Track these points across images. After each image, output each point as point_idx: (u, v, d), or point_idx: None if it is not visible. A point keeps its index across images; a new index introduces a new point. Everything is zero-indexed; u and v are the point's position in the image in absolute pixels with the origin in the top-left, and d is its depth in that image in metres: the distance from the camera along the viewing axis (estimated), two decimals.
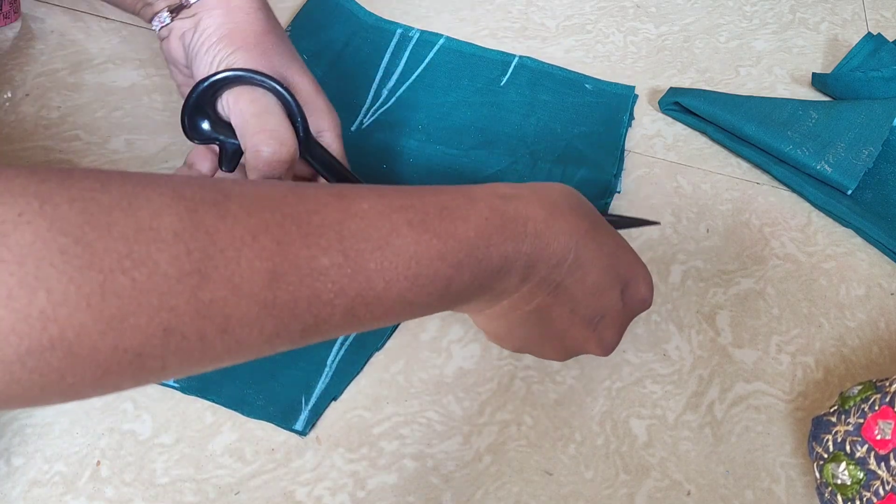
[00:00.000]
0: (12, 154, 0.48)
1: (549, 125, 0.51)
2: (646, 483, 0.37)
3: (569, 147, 0.50)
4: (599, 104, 0.53)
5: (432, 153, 0.49)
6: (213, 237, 0.22)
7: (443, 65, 0.54)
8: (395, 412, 0.38)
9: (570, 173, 0.48)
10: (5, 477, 0.35)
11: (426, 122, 0.51)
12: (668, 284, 0.44)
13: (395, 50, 0.55)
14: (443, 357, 0.40)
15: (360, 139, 0.50)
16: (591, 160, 0.49)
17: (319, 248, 0.24)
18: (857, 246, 0.47)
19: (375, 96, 0.52)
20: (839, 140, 0.48)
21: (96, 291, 0.20)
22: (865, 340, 0.43)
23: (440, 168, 0.48)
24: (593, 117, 0.52)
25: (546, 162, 0.49)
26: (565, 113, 0.52)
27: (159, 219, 0.21)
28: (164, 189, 0.22)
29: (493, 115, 0.52)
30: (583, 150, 0.50)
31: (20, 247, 0.19)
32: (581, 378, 0.40)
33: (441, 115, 0.51)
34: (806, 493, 0.37)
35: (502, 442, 0.38)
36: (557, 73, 0.55)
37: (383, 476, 0.36)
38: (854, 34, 0.60)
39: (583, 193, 0.43)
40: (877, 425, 0.32)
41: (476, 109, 0.52)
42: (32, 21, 0.57)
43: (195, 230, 0.22)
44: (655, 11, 0.62)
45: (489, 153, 0.49)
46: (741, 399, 0.40)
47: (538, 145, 0.50)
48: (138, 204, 0.21)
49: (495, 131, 0.51)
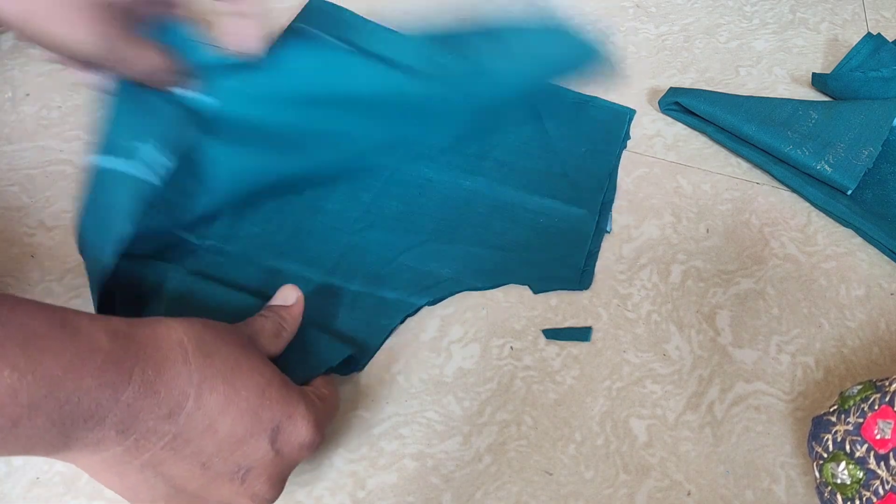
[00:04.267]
0: (12, 154, 0.48)
1: (551, 146, 0.50)
2: (646, 483, 0.37)
3: (561, 176, 0.49)
4: (600, 123, 0.52)
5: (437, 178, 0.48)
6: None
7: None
8: (395, 412, 0.38)
9: (552, 207, 0.47)
10: (5, 477, 0.35)
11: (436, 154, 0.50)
12: (668, 284, 0.44)
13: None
14: (443, 357, 0.40)
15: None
16: (576, 192, 0.48)
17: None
18: (857, 246, 0.47)
19: None
20: (839, 140, 0.48)
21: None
22: (865, 340, 0.43)
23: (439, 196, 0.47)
24: (594, 136, 0.51)
25: (540, 196, 0.47)
26: (565, 141, 0.51)
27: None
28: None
29: (492, 139, 0.50)
30: (574, 180, 0.48)
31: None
32: (581, 378, 0.40)
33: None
34: (806, 492, 0.37)
35: (502, 442, 0.38)
36: (561, 93, 0.53)
37: (383, 476, 0.36)
38: (854, 34, 0.60)
39: (569, 231, 0.43)
40: (876, 425, 0.32)
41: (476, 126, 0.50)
42: None
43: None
44: (655, 11, 0.62)
45: (472, 181, 0.48)
46: (741, 399, 0.40)
47: (524, 177, 0.48)
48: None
49: (493, 158, 0.49)
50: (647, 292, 0.44)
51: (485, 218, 0.46)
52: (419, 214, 0.46)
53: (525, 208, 0.47)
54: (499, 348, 0.41)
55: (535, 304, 0.43)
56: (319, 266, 0.43)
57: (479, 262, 0.44)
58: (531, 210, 0.47)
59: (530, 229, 0.46)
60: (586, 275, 0.44)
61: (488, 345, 0.41)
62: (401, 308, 0.42)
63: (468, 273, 0.43)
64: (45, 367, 0.24)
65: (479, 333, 0.41)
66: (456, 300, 0.43)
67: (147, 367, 0.27)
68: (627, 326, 0.42)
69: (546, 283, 0.43)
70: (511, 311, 0.42)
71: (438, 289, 0.43)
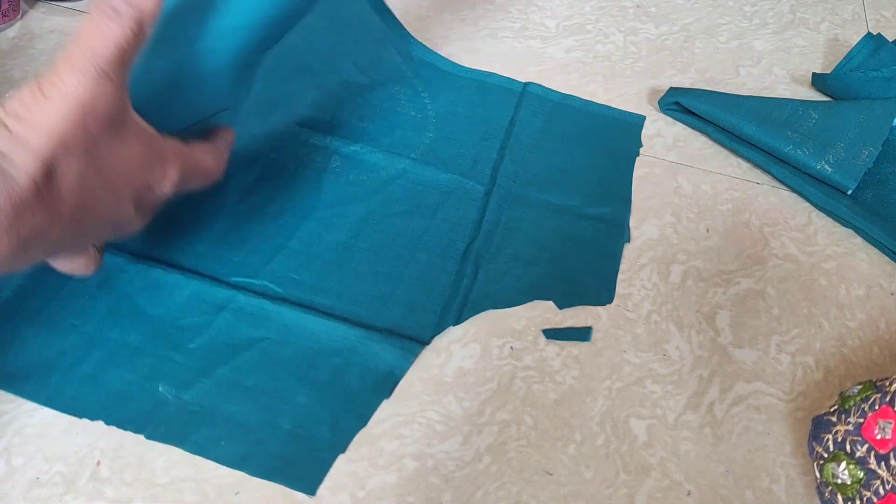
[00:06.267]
0: None
1: (556, 162, 0.50)
2: (646, 483, 0.37)
3: (578, 184, 0.48)
4: (610, 138, 0.52)
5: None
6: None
7: (461, 99, 0.53)
8: (395, 412, 0.38)
9: (579, 215, 0.47)
10: (5, 477, 0.35)
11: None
12: (668, 284, 0.44)
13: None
14: (443, 357, 0.40)
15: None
16: (599, 199, 0.48)
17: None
18: (857, 246, 0.47)
19: None
20: (839, 140, 0.48)
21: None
22: (865, 340, 0.43)
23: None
24: (603, 146, 0.51)
25: (554, 206, 0.47)
26: (579, 149, 0.51)
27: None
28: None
29: (506, 151, 0.50)
30: (593, 187, 0.48)
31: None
32: (581, 378, 0.40)
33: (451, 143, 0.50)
34: (806, 493, 0.37)
35: (502, 442, 0.38)
36: (570, 105, 0.53)
37: (383, 476, 0.36)
38: (854, 34, 0.60)
39: (590, 241, 0.44)
40: (877, 425, 0.32)
41: (490, 142, 0.50)
42: (33, 21, 0.57)
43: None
44: (655, 11, 0.62)
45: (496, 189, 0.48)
46: (741, 399, 0.40)
47: (544, 184, 0.48)
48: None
49: (509, 169, 0.49)
50: (647, 292, 0.44)
51: (503, 229, 0.46)
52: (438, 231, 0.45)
53: (547, 216, 0.46)
54: (499, 348, 0.41)
55: (534, 303, 0.43)
56: (352, 300, 0.42)
57: (503, 278, 0.43)
58: (555, 218, 0.46)
59: (555, 239, 0.45)
60: (611, 288, 0.44)
61: (488, 345, 0.41)
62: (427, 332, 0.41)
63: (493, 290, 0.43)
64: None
65: (479, 333, 0.41)
66: None
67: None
68: (627, 326, 0.42)
69: (571, 298, 0.43)
70: (511, 311, 0.42)
71: (469, 308, 0.42)
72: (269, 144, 0.48)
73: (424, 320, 0.41)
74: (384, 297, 0.42)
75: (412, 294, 0.42)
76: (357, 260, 0.43)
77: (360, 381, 0.39)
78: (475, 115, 0.52)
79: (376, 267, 0.43)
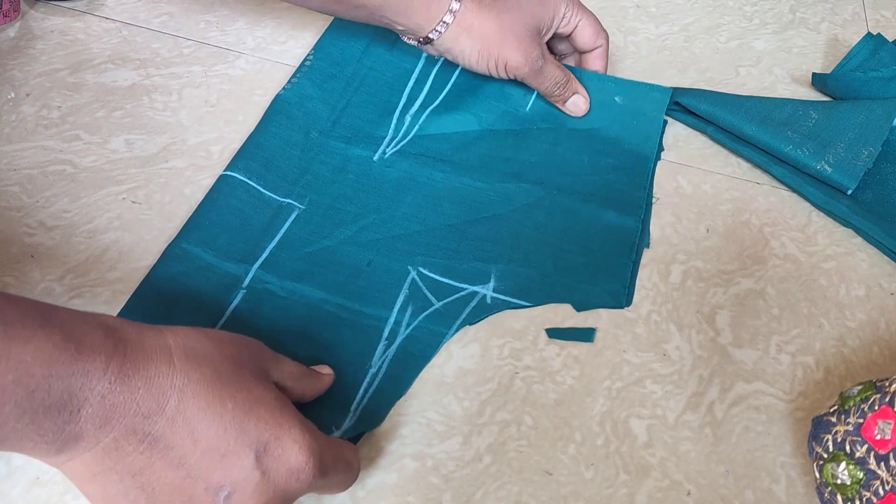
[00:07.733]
0: (13, 154, 0.48)
1: (577, 156, 0.49)
2: (646, 483, 0.37)
3: (597, 183, 0.48)
4: (630, 126, 0.51)
5: (458, 185, 0.47)
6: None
7: (467, 89, 0.52)
8: (395, 412, 0.38)
9: (597, 215, 0.46)
10: (5, 477, 0.35)
11: (451, 152, 0.49)
12: (668, 284, 0.44)
13: (419, 76, 0.53)
14: (443, 357, 0.40)
15: (382, 169, 0.48)
16: (619, 200, 0.47)
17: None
18: (857, 246, 0.47)
19: (399, 123, 0.50)
20: (839, 140, 0.48)
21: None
22: (865, 340, 0.43)
23: (467, 201, 0.47)
24: (623, 147, 0.50)
25: (574, 199, 0.47)
26: (594, 142, 0.50)
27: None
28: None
29: (519, 145, 0.50)
30: (612, 186, 0.48)
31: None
32: (581, 378, 0.40)
33: (465, 144, 0.50)
34: (806, 493, 0.37)
35: (502, 442, 0.38)
36: (585, 84, 0.52)
37: (383, 476, 0.36)
38: (854, 34, 0.60)
39: (607, 242, 0.44)
40: (876, 425, 0.32)
41: (501, 139, 0.50)
42: (33, 21, 0.57)
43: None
44: (655, 11, 0.62)
45: (516, 187, 0.47)
46: (741, 399, 0.40)
47: (566, 179, 0.48)
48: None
49: (521, 161, 0.49)
50: (646, 292, 0.44)
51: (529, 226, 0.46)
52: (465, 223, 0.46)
53: (570, 217, 0.46)
54: (499, 348, 0.41)
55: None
56: (367, 298, 0.42)
57: (519, 278, 0.44)
58: (576, 219, 0.46)
59: (572, 240, 0.45)
60: (631, 291, 0.44)
61: (488, 345, 0.41)
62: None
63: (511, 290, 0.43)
64: (13, 354, 0.24)
65: (479, 333, 0.41)
66: None
67: (126, 362, 0.26)
68: (627, 326, 0.42)
69: (589, 299, 0.43)
70: (511, 311, 0.42)
71: (481, 308, 0.42)
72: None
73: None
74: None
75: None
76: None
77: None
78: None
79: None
